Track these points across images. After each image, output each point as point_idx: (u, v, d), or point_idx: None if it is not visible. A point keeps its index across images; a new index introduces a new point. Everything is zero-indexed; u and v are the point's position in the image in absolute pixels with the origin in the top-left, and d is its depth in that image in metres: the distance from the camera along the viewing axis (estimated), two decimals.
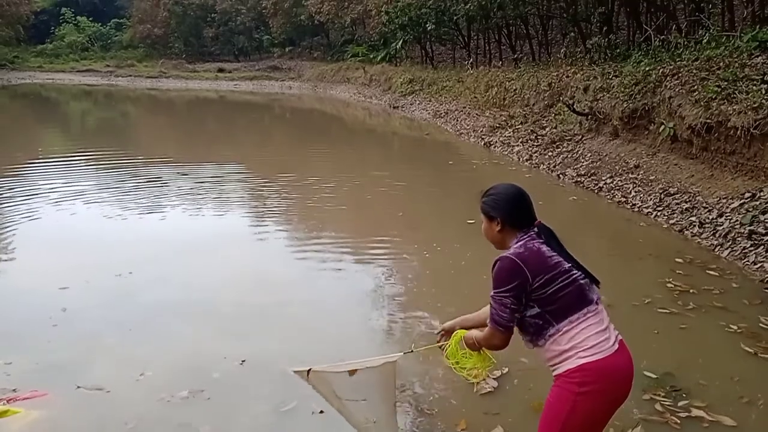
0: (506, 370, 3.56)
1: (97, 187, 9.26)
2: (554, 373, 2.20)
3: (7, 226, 6.82)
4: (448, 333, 2.73)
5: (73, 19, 43.40)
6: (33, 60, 40.55)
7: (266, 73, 37.55)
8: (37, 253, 5.99)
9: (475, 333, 2.47)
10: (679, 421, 3.11)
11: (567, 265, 2.20)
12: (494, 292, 2.21)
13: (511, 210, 2.29)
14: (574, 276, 2.19)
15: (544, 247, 2.22)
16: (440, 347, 2.72)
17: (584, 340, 2.12)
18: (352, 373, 3.06)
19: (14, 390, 3.31)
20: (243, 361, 3.71)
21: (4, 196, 8.13)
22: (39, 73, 38.24)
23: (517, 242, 2.24)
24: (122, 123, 20.72)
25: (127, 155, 12.18)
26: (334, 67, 32.80)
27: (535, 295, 2.16)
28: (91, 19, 43.82)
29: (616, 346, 2.16)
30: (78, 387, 3.39)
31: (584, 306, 2.17)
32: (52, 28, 43.10)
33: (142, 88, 33.35)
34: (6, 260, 5.79)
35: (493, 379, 3.48)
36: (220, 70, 38.63)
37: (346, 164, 11.41)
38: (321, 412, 3.13)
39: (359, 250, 6.15)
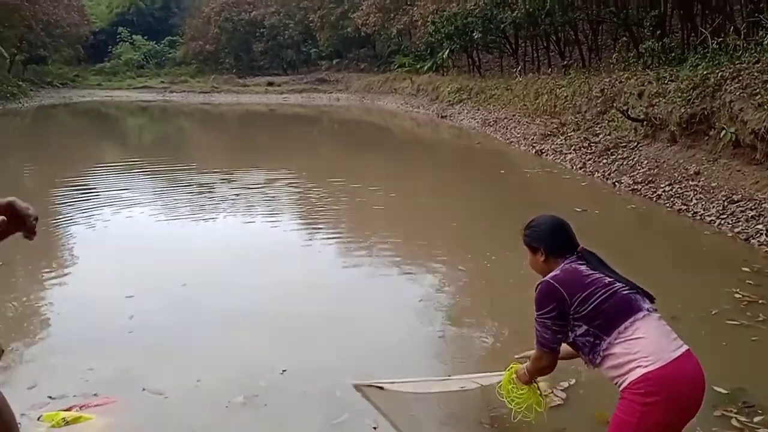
0: (573, 381, 3.51)
1: (153, 196, 9.60)
2: (620, 389, 2.19)
3: (73, 235, 7.13)
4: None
5: (129, 38, 45.05)
6: (92, 78, 42.20)
7: (314, 86, 38.12)
8: (101, 260, 6.20)
9: (526, 364, 2.60)
10: None
11: (607, 280, 2.26)
12: (537, 315, 2.34)
13: (552, 239, 2.41)
14: (616, 288, 2.24)
15: (582, 267, 2.32)
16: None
17: (641, 350, 2.12)
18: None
19: (95, 395, 3.46)
20: (284, 370, 3.75)
21: (67, 205, 8.48)
22: (98, 90, 39.75)
23: (558, 268, 2.36)
24: (177, 136, 21.39)
25: (183, 166, 12.55)
26: (381, 78, 33.05)
27: (578, 314, 2.23)
28: (146, 37, 45.40)
29: (680, 352, 2.14)
30: (143, 390, 3.52)
31: (631, 315, 2.18)
32: (110, 47, 44.83)
33: (195, 103, 34.29)
34: (74, 267, 6.01)
35: (561, 390, 3.43)
36: (270, 84, 39.41)
37: (395, 174, 11.47)
38: (375, 428, 3.15)
39: (412, 259, 6.15)
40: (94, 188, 9.99)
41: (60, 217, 7.94)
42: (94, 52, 43.99)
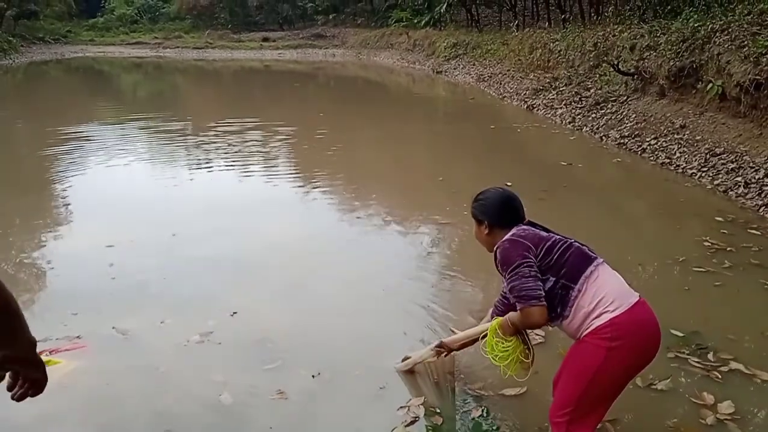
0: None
1: (149, 150, 9.67)
2: (582, 336, 2.21)
3: (68, 188, 7.13)
4: (446, 347, 2.91)
5: None
6: (85, 34, 41.48)
7: (310, 42, 37.53)
8: (93, 212, 6.27)
9: (512, 315, 2.41)
10: (720, 376, 3.08)
11: (559, 236, 2.34)
12: (509, 273, 2.25)
13: (497, 213, 2.44)
14: (570, 241, 2.31)
15: (532, 228, 2.37)
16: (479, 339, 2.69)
17: (606, 296, 2.16)
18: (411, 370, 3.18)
19: (78, 337, 3.60)
20: (234, 312, 3.90)
21: (59, 159, 8.47)
22: (91, 46, 39.10)
23: (509, 233, 2.38)
24: (171, 93, 21.17)
25: (178, 121, 12.49)
26: (378, 34, 32.56)
27: (545, 265, 2.25)
28: None
29: (636, 298, 2.20)
30: (113, 328, 3.69)
31: (591, 261, 2.25)
32: (103, 1, 43.97)
33: (189, 59, 33.81)
34: (68, 220, 6.06)
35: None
36: (265, 40, 38.77)
37: (387, 129, 11.40)
38: (314, 376, 3.19)
39: (395, 212, 6.16)
40: (86, 142, 9.96)
41: (53, 171, 7.99)
42: (86, 7, 43.12)
